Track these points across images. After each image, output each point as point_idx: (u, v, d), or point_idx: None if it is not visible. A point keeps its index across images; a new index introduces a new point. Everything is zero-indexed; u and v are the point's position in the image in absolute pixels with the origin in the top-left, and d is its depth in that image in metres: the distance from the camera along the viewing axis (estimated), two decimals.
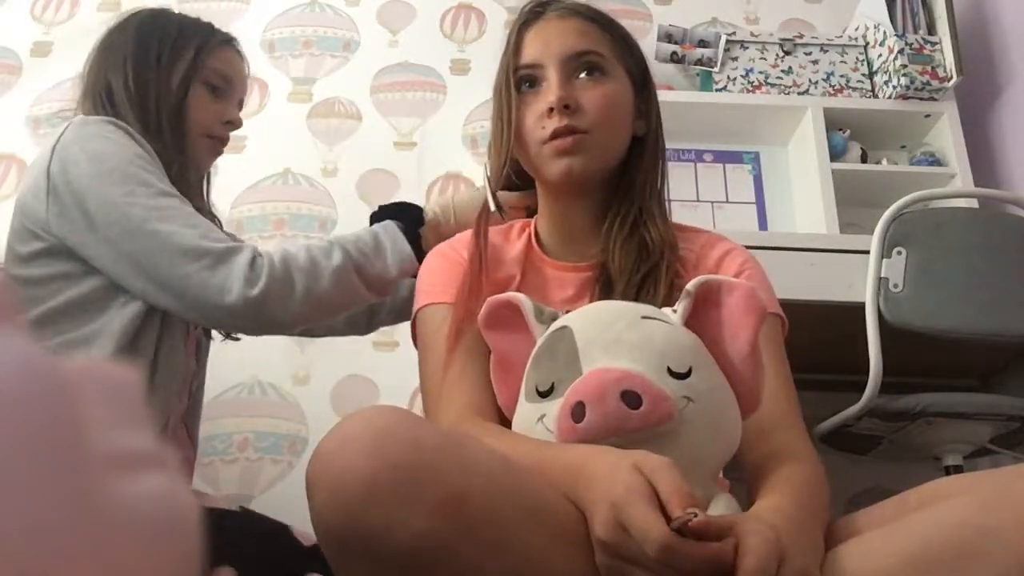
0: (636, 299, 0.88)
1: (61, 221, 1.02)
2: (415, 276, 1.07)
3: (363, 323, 1.34)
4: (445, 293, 0.95)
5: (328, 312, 1.09)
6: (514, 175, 1.07)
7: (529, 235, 1.03)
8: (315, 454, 0.61)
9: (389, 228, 1.13)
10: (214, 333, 1.27)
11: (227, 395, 1.89)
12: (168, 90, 1.13)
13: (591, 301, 0.93)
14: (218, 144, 1.22)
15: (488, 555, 0.59)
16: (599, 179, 0.99)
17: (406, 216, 1.16)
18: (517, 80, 0.98)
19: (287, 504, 1.78)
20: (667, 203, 1.03)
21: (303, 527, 0.87)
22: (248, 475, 1.82)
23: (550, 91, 0.95)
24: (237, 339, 1.30)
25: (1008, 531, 0.58)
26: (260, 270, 0.99)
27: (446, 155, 2.17)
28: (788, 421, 0.85)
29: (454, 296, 0.94)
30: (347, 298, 1.08)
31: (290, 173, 2.15)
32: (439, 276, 0.98)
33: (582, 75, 0.96)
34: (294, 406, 1.90)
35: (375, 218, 1.17)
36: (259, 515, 1.13)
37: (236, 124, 1.23)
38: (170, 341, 1.07)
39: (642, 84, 1.03)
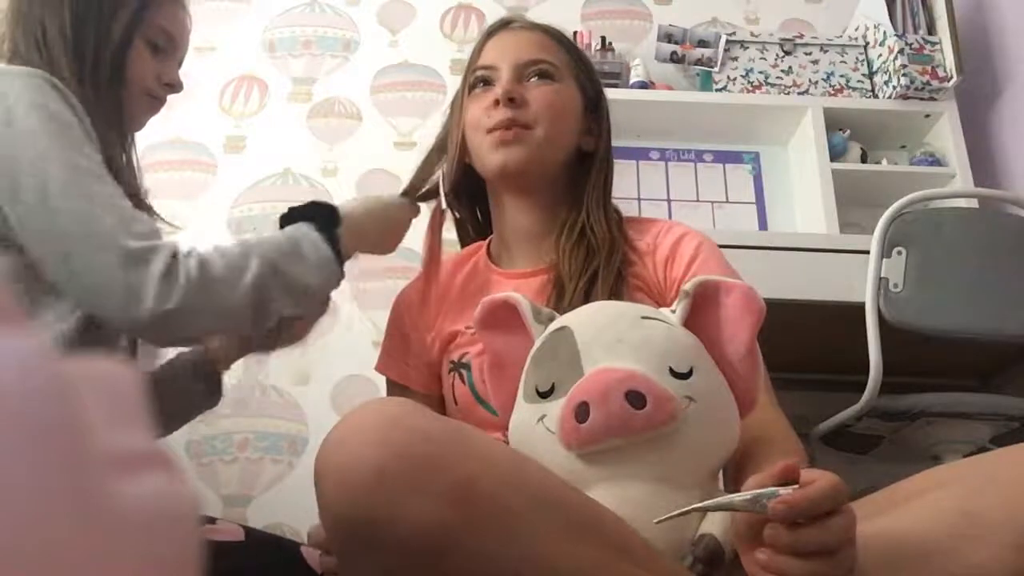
0: (586, 298, 0.92)
1: None
2: (337, 285, 1.01)
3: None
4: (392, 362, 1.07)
5: (240, 328, 0.97)
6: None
7: (482, 253, 1.10)
8: (324, 443, 0.61)
9: (305, 230, 1.00)
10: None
11: (227, 395, 1.89)
12: (108, 41, 1.02)
13: (546, 306, 0.95)
14: (156, 103, 1.10)
15: (495, 544, 0.59)
16: (542, 181, 1.04)
17: (320, 217, 1.03)
18: (472, 80, 1.06)
19: (287, 504, 1.78)
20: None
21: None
22: (248, 475, 1.82)
23: (499, 86, 1.02)
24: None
25: (995, 515, 0.61)
26: (176, 280, 0.87)
27: None
28: (763, 400, 0.85)
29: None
30: (262, 312, 0.95)
31: (290, 173, 2.15)
32: (389, 338, 1.10)
33: (533, 78, 1.04)
34: (294, 406, 1.90)
35: (286, 220, 1.04)
36: (267, 538, 1.10)
37: (176, 87, 1.11)
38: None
39: (595, 102, 1.09)
